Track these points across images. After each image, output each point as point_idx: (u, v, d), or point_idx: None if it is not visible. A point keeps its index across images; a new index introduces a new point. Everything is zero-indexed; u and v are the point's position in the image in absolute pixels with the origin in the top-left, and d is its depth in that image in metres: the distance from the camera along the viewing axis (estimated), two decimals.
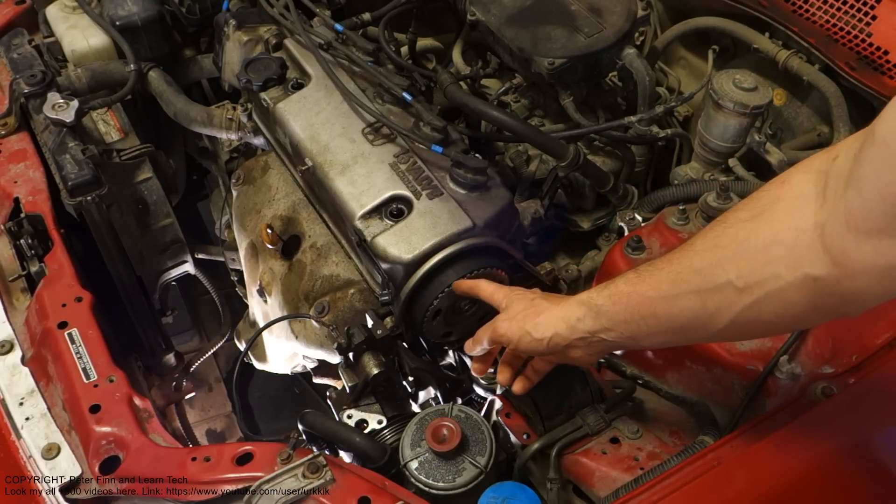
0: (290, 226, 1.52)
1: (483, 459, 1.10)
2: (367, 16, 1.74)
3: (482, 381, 1.34)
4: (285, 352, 1.58)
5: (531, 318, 1.09)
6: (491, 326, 1.15)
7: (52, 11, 1.89)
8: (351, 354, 1.29)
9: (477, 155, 1.32)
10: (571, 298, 1.08)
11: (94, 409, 1.17)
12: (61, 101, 1.57)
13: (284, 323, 1.47)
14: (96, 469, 1.11)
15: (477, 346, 1.18)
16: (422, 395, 1.39)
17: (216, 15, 1.85)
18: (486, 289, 1.21)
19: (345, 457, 1.23)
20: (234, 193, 1.65)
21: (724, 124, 1.50)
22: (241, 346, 1.77)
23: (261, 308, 1.62)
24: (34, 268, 1.40)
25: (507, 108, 1.76)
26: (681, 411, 1.23)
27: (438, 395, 1.38)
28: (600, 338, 1.03)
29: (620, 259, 1.32)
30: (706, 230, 0.94)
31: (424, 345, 1.37)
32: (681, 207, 1.36)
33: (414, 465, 1.11)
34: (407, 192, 1.28)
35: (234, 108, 1.71)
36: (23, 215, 1.47)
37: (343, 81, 1.45)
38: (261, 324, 1.64)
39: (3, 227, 1.46)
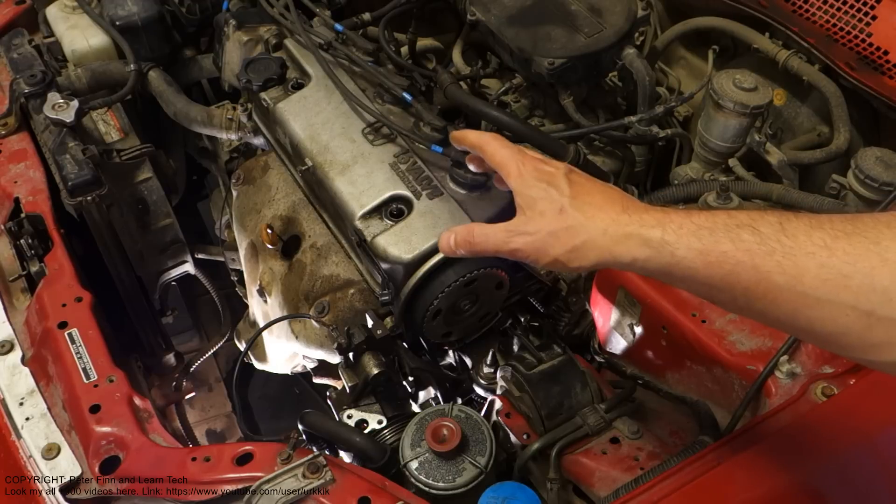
0: (290, 226, 1.52)
1: (483, 459, 1.10)
2: (367, 16, 1.74)
3: (482, 381, 1.35)
4: (285, 352, 1.58)
5: (564, 242, 0.90)
6: (500, 237, 0.97)
7: (52, 11, 1.89)
8: (351, 354, 1.29)
9: None
10: (626, 221, 0.87)
11: (94, 409, 1.17)
12: (61, 101, 1.57)
13: (284, 323, 1.47)
14: (96, 469, 1.11)
15: (464, 249, 1.03)
16: (422, 395, 1.39)
17: (216, 15, 1.85)
18: (497, 152, 1.02)
19: (345, 457, 1.23)
20: (234, 193, 1.65)
21: (724, 124, 1.50)
22: (241, 346, 1.77)
23: (261, 308, 1.63)
24: (34, 268, 1.40)
25: (507, 108, 1.76)
26: (681, 411, 1.23)
27: (438, 395, 1.38)
28: (654, 273, 0.86)
29: None
30: (852, 226, 0.75)
31: (424, 345, 1.37)
32: (681, 207, 1.36)
33: (414, 465, 1.11)
34: (407, 192, 1.28)
35: (234, 108, 1.71)
36: (23, 215, 1.47)
37: (343, 81, 1.45)
38: (261, 324, 1.64)
39: (3, 227, 1.46)
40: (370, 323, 1.30)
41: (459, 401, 1.39)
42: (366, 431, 1.26)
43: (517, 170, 0.99)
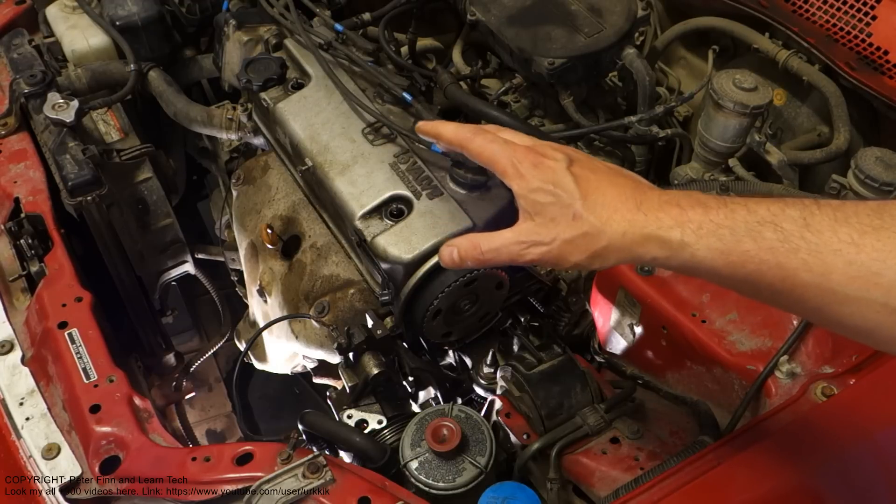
0: (290, 226, 1.52)
1: (483, 459, 1.10)
2: (367, 16, 1.73)
3: (482, 381, 1.35)
4: (285, 352, 1.58)
5: (583, 249, 0.88)
6: (513, 250, 0.92)
7: (52, 11, 1.89)
8: (351, 354, 1.29)
9: None
10: (643, 221, 0.85)
11: (94, 409, 1.17)
12: (61, 101, 1.57)
13: (284, 323, 1.47)
14: (96, 469, 1.11)
15: (473, 262, 0.97)
16: (422, 395, 1.39)
17: (216, 15, 1.85)
18: (484, 148, 0.97)
19: (345, 457, 1.23)
20: (234, 193, 1.65)
21: (724, 124, 1.50)
22: (241, 346, 1.77)
23: (261, 308, 1.63)
24: (34, 268, 1.40)
25: (507, 108, 1.76)
26: (681, 411, 1.23)
27: (438, 395, 1.38)
28: (677, 270, 0.86)
29: None
30: (879, 219, 0.73)
31: (424, 345, 1.37)
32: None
33: (414, 465, 1.11)
34: (407, 192, 1.28)
35: (234, 108, 1.71)
36: (23, 215, 1.47)
37: (343, 81, 1.45)
38: (261, 324, 1.64)
39: (3, 227, 1.46)
40: (370, 323, 1.30)
41: (459, 401, 1.39)
42: (366, 431, 1.26)
43: (514, 169, 0.94)
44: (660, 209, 0.85)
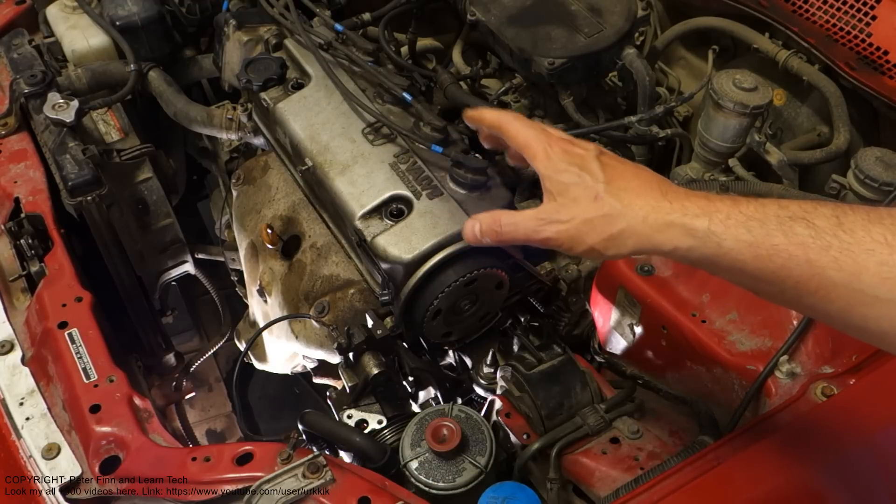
0: (290, 226, 1.52)
1: (483, 459, 1.10)
2: (367, 16, 1.74)
3: (482, 381, 1.35)
4: (285, 352, 1.58)
5: (601, 231, 0.87)
6: (530, 225, 0.93)
7: (52, 11, 1.89)
8: (351, 354, 1.29)
9: (477, 155, 1.32)
10: (667, 208, 0.84)
11: (95, 409, 1.17)
12: (61, 101, 1.57)
13: (284, 323, 1.47)
14: (96, 469, 1.11)
15: (491, 237, 0.98)
16: (422, 395, 1.39)
17: (216, 15, 1.85)
18: (520, 132, 0.98)
19: (345, 457, 1.23)
20: (234, 193, 1.65)
21: (724, 124, 1.50)
22: (241, 346, 1.77)
23: (261, 308, 1.63)
24: (34, 268, 1.40)
25: (507, 108, 1.76)
26: (681, 411, 1.23)
27: (438, 395, 1.38)
28: (696, 262, 0.83)
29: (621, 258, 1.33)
30: None
31: (424, 345, 1.37)
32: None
33: (414, 465, 1.11)
34: (407, 192, 1.28)
35: (234, 108, 1.71)
36: (23, 215, 1.47)
37: (343, 81, 1.45)
38: (261, 324, 1.64)
39: (3, 227, 1.46)
40: (370, 323, 1.30)
41: (459, 401, 1.39)
42: (366, 431, 1.26)
43: (544, 152, 0.94)
44: (686, 198, 0.85)
